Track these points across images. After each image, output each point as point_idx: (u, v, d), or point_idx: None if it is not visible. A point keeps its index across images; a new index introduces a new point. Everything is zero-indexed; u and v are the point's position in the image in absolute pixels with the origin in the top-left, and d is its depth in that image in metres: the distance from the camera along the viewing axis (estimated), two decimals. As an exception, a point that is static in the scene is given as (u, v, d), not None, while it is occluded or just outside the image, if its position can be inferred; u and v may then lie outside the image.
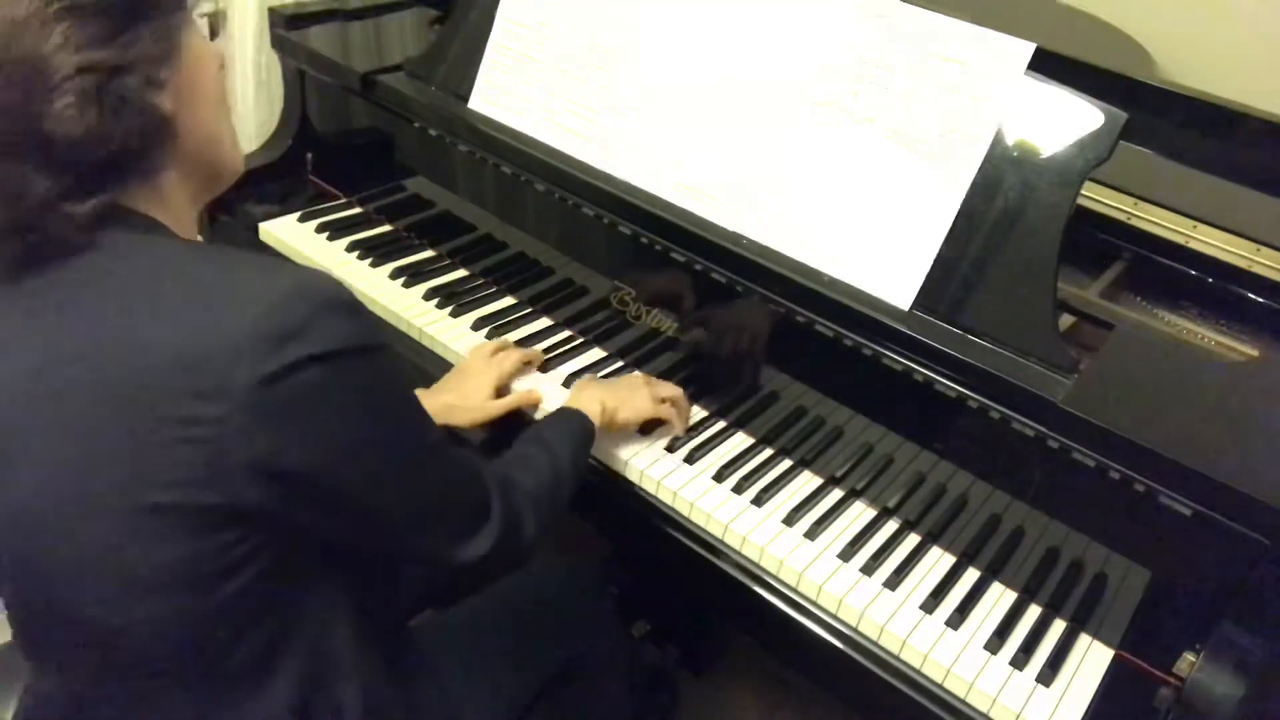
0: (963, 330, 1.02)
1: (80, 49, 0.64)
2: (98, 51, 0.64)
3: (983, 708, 0.96)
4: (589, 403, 1.11)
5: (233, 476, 0.65)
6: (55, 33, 0.63)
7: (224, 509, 0.66)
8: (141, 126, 0.68)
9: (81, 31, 0.64)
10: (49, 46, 0.63)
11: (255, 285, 0.66)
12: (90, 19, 0.65)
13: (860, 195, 1.08)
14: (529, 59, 1.33)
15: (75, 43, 0.64)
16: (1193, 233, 1.21)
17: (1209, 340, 1.16)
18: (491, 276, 1.46)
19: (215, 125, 0.77)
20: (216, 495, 0.66)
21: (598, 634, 1.23)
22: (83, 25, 0.64)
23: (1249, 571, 0.88)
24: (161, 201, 0.73)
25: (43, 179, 0.65)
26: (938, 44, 1.05)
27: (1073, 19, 1.43)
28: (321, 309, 0.66)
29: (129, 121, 0.67)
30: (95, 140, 0.65)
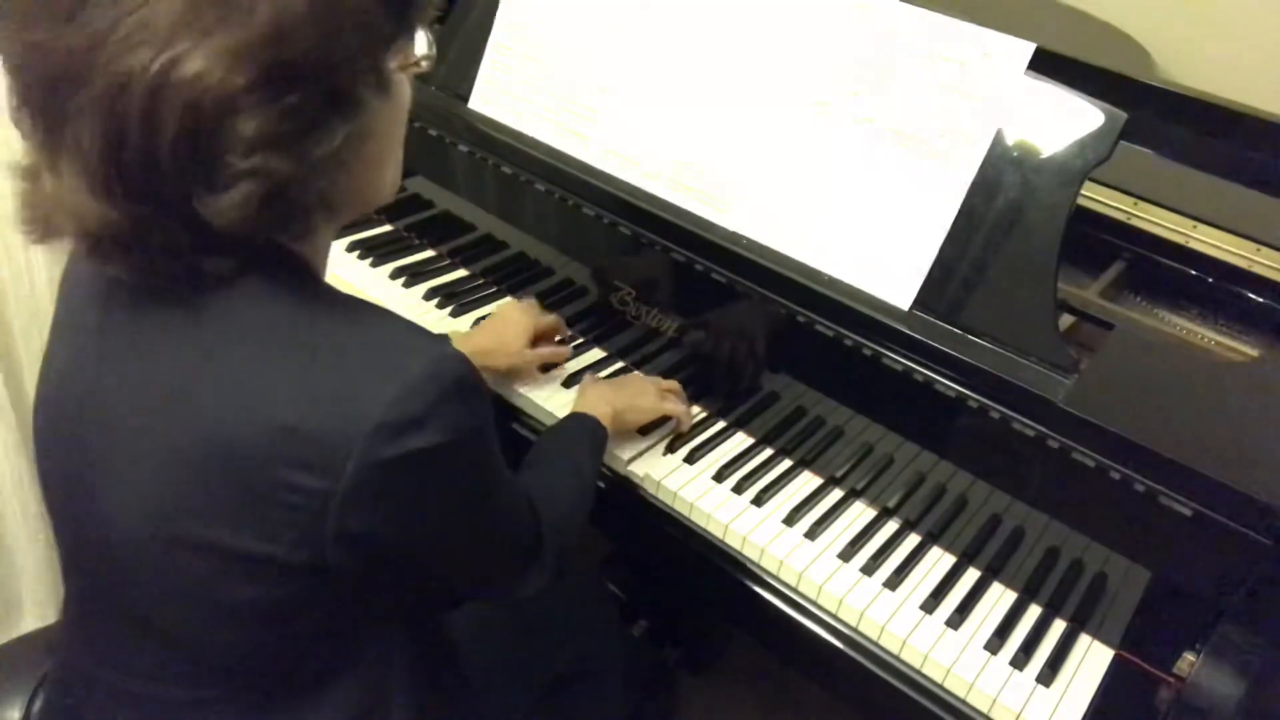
0: (963, 330, 1.02)
1: (260, 149, 0.56)
2: (278, 158, 0.57)
3: (983, 708, 0.96)
4: (600, 406, 1.12)
5: (324, 541, 0.65)
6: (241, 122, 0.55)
7: (310, 565, 0.66)
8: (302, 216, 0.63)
9: (267, 129, 0.56)
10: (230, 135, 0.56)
11: (385, 363, 0.63)
12: (284, 117, 0.57)
13: (860, 195, 1.08)
14: (529, 59, 1.33)
15: (258, 141, 0.56)
16: (1193, 233, 1.21)
17: (1209, 340, 1.16)
18: (491, 276, 1.46)
19: (381, 179, 0.72)
20: (305, 555, 0.65)
21: (598, 634, 1.23)
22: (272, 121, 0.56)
23: (1249, 571, 0.88)
24: (306, 241, 0.69)
25: (184, 234, 0.60)
26: (938, 44, 1.05)
27: (1073, 19, 1.43)
28: (445, 397, 0.64)
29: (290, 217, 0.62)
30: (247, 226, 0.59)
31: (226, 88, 0.54)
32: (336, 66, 0.59)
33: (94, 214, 0.58)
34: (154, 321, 0.66)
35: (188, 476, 0.64)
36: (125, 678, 0.77)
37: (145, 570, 0.69)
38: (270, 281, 0.65)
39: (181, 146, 0.56)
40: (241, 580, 0.67)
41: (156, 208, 0.58)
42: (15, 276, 1.39)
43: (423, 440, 0.63)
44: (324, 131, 0.60)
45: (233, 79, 0.54)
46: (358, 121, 0.62)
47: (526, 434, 1.25)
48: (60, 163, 0.58)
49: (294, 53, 0.56)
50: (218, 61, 0.54)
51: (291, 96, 0.57)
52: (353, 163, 0.64)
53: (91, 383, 0.69)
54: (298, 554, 0.65)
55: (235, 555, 0.65)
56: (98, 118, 0.55)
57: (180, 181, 0.57)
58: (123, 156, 0.56)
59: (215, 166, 0.57)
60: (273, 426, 0.62)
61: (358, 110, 0.62)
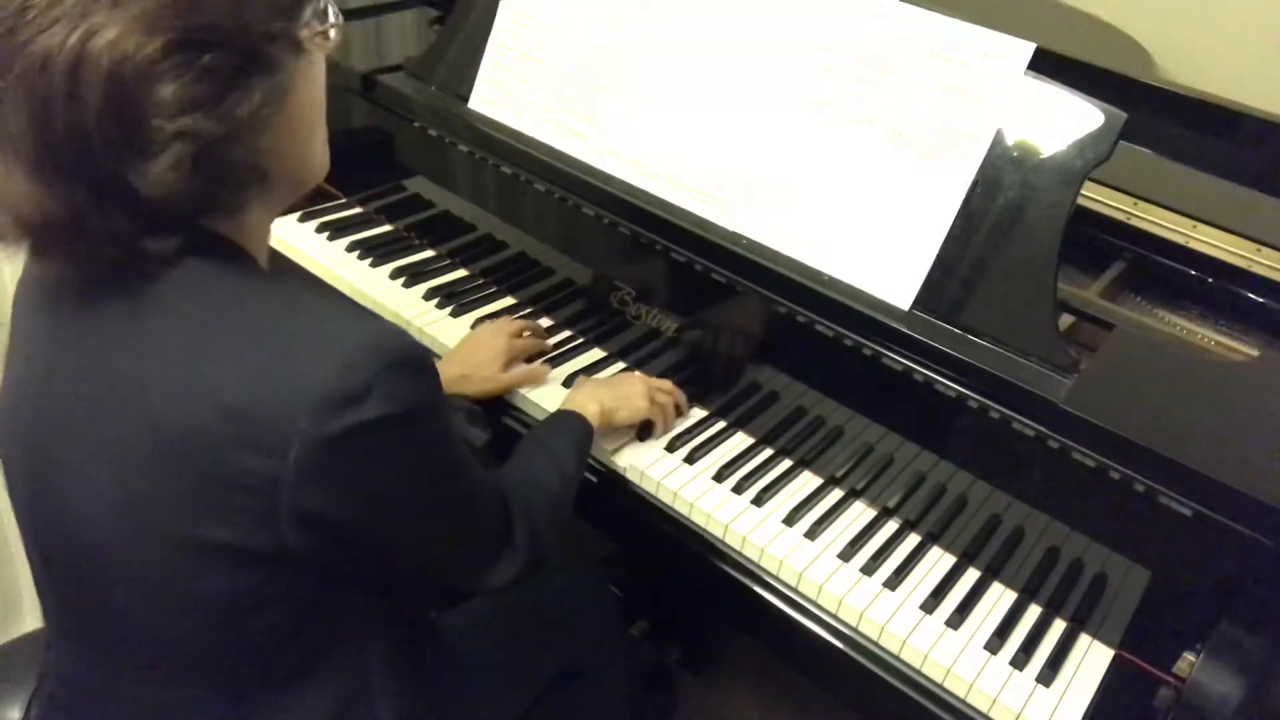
0: (963, 330, 1.02)
1: (183, 111, 0.58)
2: (202, 118, 0.59)
3: (983, 708, 0.96)
4: (587, 403, 1.12)
5: (280, 524, 0.65)
6: (162, 87, 0.57)
7: (271, 550, 0.67)
8: (234, 182, 0.65)
9: (186, 91, 0.58)
10: (150, 105, 0.58)
11: (324, 340, 0.64)
12: (199, 79, 0.59)
13: (860, 195, 1.08)
14: (529, 59, 1.33)
15: (179, 104, 0.58)
16: (1193, 233, 1.21)
17: (1209, 340, 1.16)
18: (491, 276, 1.46)
19: (309, 150, 0.73)
20: (265, 539, 0.66)
21: (598, 634, 1.23)
22: (189, 84, 0.58)
23: (1249, 572, 0.88)
24: (241, 224, 0.71)
25: (120, 218, 0.61)
26: (938, 44, 1.05)
27: (1072, 19, 1.43)
28: (387, 370, 0.64)
29: (222, 182, 0.64)
30: (182, 197, 0.61)
31: (143, 54, 0.56)
32: (246, 28, 0.61)
33: (31, 202, 0.59)
34: (98, 318, 0.67)
35: (145, 468, 0.65)
36: (111, 677, 0.77)
37: (116, 568, 0.69)
38: (209, 266, 0.66)
39: (107, 117, 0.57)
40: (208, 571, 0.67)
41: (91, 189, 0.60)
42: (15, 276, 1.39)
43: (365, 413, 0.63)
44: (243, 91, 0.62)
45: (148, 45, 0.56)
46: (274, 79, 0.64)
47: (513, 424, 1.25)
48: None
49: (204, 18, 0.59)
50: (131, 30, 0.56)
51: (206, 58, 0.59)
52: (276, 125, 0.66)
53: (45, 389, 0.70)
54: (257, 539, 0.65)
55: (199, 545, 0.66)
56: (22, 100, 0.57)
57: (111, 154, 0.58)
58: (52, 136, 0.57)
59: (142, 133, 0.58)
60: (218, 409, 0.63)
61: (273, 71, 0.64)
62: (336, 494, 0.66)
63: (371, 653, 0.80)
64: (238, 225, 0.70)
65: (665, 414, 1.20)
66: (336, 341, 0.64)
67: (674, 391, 1.21)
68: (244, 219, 0.71)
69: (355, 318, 0.68)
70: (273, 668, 0.75)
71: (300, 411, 0.62)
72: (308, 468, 0.63)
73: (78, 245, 0.63)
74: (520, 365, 1.27)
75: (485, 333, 1.26)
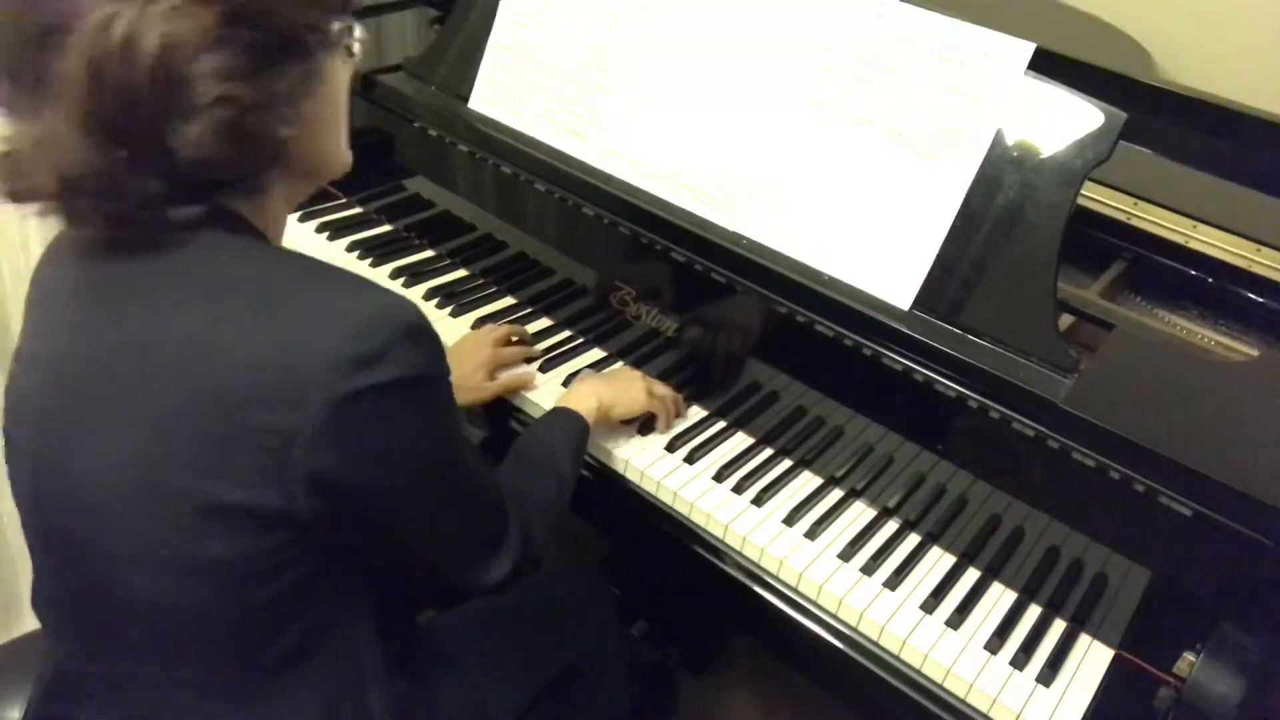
0: (963, 330, 1.02)
1: (226, 79, 0.63)
2: (242, 86, 0.64)
3: (983, 707, 0.96)
4: (585, 399, 1.12)
5: (293, 484, 0.67)
6: (206, 58, 0.62)
7: (281, 513, 0.68)
8: (263, 154, 0.70)
9: (231, 61, 0.64)
10: (197, 70, 0.62)
11: (343, 305, 0.68)
12: (243, 51, 0.64)
13: (860, 195, 1.08)
14: (529, 59, 1.33)
15: (223, 72, 0.63)
16: (1193, 233, 1.21)
17: (1209, 340, 1.16)
18: (491, 276, 1.46)
19: (333, 140, 0.78)
20: (276, 499, 0.68)
21: (598, 634, 1.23)
22: (234, 55, 0.64)
23: (1249, 571, 0.88)
24: (261, 208, 0.75)
25: (154, 181, 0.65)
26: (938, 44, 1.05)
27: (1072, 19, 1.43)
28: (402, 336, 0.68)
29: (253, 151, 0.68)
30: (215, 163, 0.65)
31: (197, 24, 0.62)
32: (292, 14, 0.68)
33: (74, 157, 0.63)
34: (121, 280, 0.70)
35: (164, 426, 0.67)
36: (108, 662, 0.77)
37: (120, 537, 0.70)
38: (229, 237, 0.71)
39: (156, 78, 0.61)
40: (216, 534, 0.68)
41: (131, 146, 0.63)
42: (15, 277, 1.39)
43: (382, 374, 0.67)
44: (279, 69, 0.67)
45: (203, 16, 0.62)
46: (308, 66, 0.70)
47: (511, 423, 1.25)
48: (43, 113, 0.64)
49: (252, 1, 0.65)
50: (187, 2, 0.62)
51: (252, 34, 0.65)
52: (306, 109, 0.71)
53: (63, 357, 0.72)
54: (269, 500, 0.67)
55: (210, 506, 0.67)
56: (81, 56, 0.61)
57: (155, 113, 0.63)
58: (103, 90, 0.61)
59: (187, 96, 0.63)
60: (240, 366, 0.66)
61: (308, 57, 0.70)
62: (347, 455, 0.68)
63: (363, 647, 0.81)
64: (257, 208, 0.74)
65: (665, 406, 1.20)
66: (354, 307, 0.68)
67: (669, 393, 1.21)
68: (264, 202, 0.75)
69: (370, 287, 0.71)
70: (267, 651, 0.75)
71: (319, 369, 0.65)
72: (324, 426, 0.66)
73: (108, 205, 0.66)
74: (507, 372, 1.27)
75: (468, 343, 1.26)
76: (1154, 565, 0.96)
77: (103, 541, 0.72)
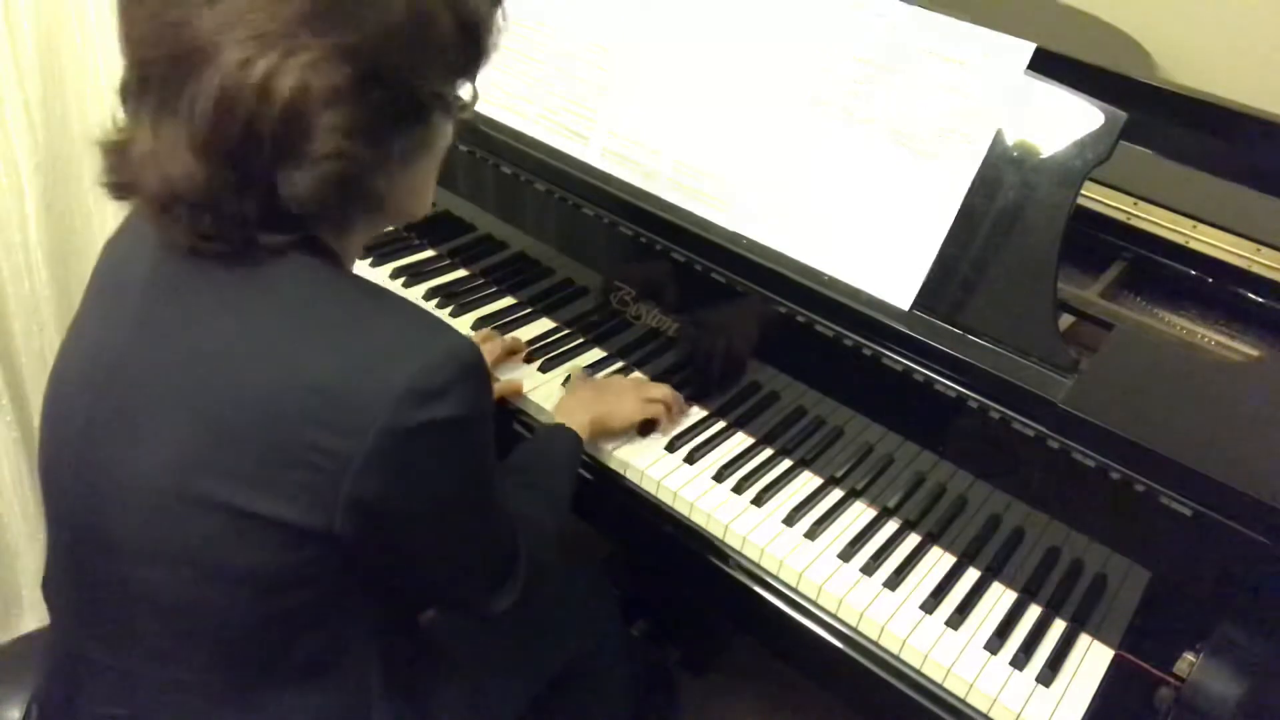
0: (963, 330, 1.02)
1: (346, 135, 0.64)
2: (359, 144, 0.65)
3: (983, 708, 0.96)
4: (578, 414, 1.12)
5: (337, 505, 0.68)
6: (332, 112, 0.64)
7: (317, 531, 0.70)
8: (361, 204, 0.71)
9: (355, 119, 0.65)
10: (322, 121, 0.64)
11: (411, 339, 0.70)
12: (369, 111, 0.65)
13: (860, 195, 1.08)
14: (529, 58, 1.33)
15: (345, 128, 0.64)
16: (1193, 233, 1.21)
17: (1209, 340, 1.16)
18: (491, 276, 1.46)
19: (424, 192, 0.80)
20: (317, 518, 0.69)
21: (598, 634, 1.23)
22: (360, 114, 0.65)
23: (1249, 571, 0.88)
24: (343, 238, 0.76)
25: (252, 207, 0.67)
26: (938, 44, 1.05)
27: (1073, 19, 1.43)
28: (464, 375, 0.70)
29: (352, 202, 0.70)
30: (314, 205, 0.67)
31: (332, 80, 0.63)
32: (417, 80, 0.69)
33: (185, 171, 0.65)
34: (199, 289, 0.71)
35: (217, 432, 0.68)
36: (120, 657, 0.78)
37: (151, 535, 0.71)
38: (310, 261, 0.72)
39: (283, 122, 0.63)
40: (248, 544, 0.70)
41: (241, 175, 0.65)
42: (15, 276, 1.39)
43: (442, 411, 0.68)
44: (399, 131, 0.70)
45: (339, 74, 0.63)
46: (423, 130, 0.73)
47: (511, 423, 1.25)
48: (165, 125, 0.65)
49: (388, 62, 0.66)
50: (328, 56, 0.63)
51: (380, 96, 0.66)
52: (410, 168, 0.74)
53: (126, 348, 0.73)
54: (309, 518, 0.69)
55: (248, 516, 0.68)
56: (216, 85, 0.63)
57: (272, 153, 0.64)
58: (230, 122, 0.63)
59: (306, 144, 0.64)
60: (306, 387, 0.67)
61: (425, 121, 0.73)
62: (393, 484, 0.69)
63: (371, 666, 0.82)
64: (339, 238, 0.76)
65: (662, 410, 1.19)
66: (423, 341, 0.70)
67: (666, 394, 1.21)
68: (348, 235, 0.77)
69: (439, 324, 0.73)
70: (280, 662, 0.76)
71: (387, 398, 0.66)
72: (378, 454, 0.67)
73: (203, 221, 0.67)
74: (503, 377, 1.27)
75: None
76: (1154, 565, 0.96)
77: (129, 536, 0.72)
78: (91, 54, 1.34)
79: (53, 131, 1.34)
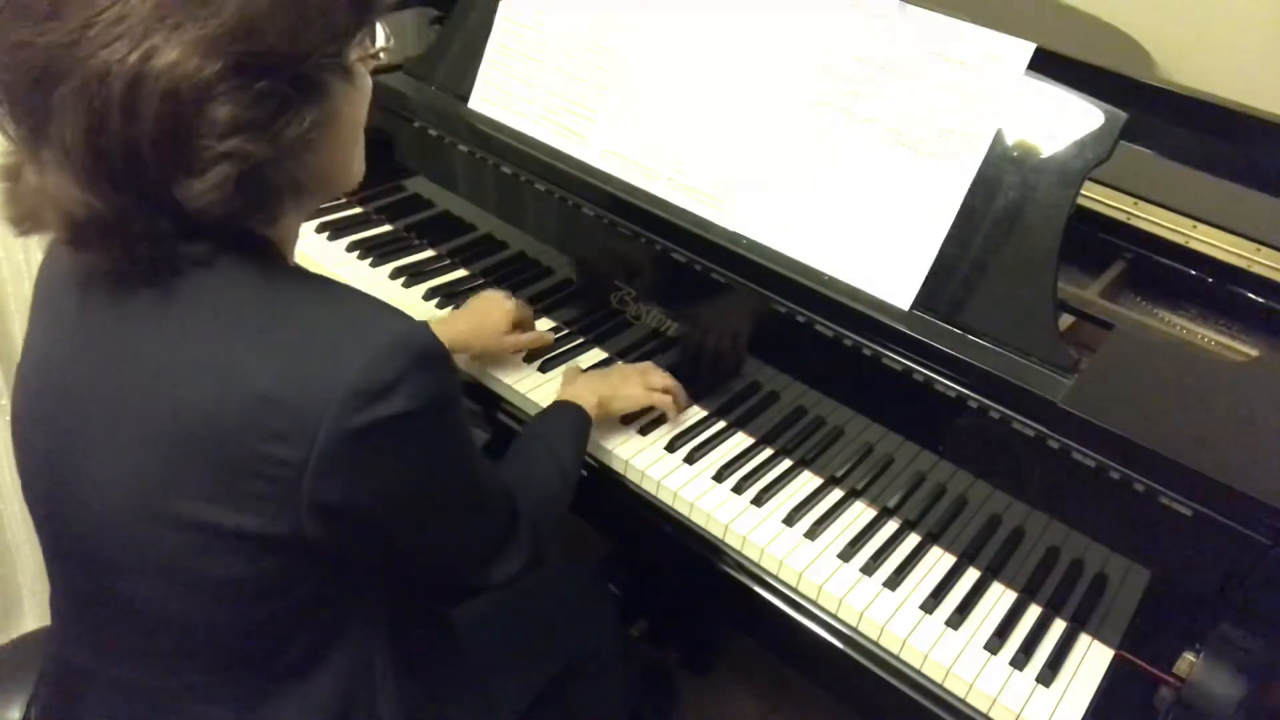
0: (963, 330, 1.02)
1: (234, 133, 0.60)
2: (251, 141, 0.60)
3: (982, 707, 0.96)
4: (584, 394, 1.12)
5: (299, 512, 0.67)
6: (216, 109, 0.59)
7: (290, 538, 0.68)
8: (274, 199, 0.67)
9: (240, 113, 0.60)
10: (206, 121, 0.59)
11: (354, 335, 0.66)
12: (255, 102, 0.60)
13: (860, 195, 1.08)
14: (529, 59, 1.33)
15: (230, 125, 0.59)
16: (1193, 233, 1.21)
17: (1209, 340, 1.16)
18: (491, 276, 1.46)
19: (348, 158, 0.75)
20: (284, 526, 0.67)
21: (598, 634, 1.23)
22: (244, 107, 0.60)
23: (1249, 572, 0.88)
24: (274, 228, 0.72)
25: (164, 222, 0.63)
26: (938, 44, 1.05)
27: (1072, 19, 1.43)
28: (414, 366, 0.66)
29: (262, 199, 0.65)
30: (222, 210, 0.62)
31: (201, 76, 0.58)
32: (301, 56, 0.63)
33: (78, 203, 0.61)
34: (131, 304, 0.68)
35: (168, 452, 0.66)
36: (115, 665, 0.77)
37: (128, 551, 0.70)
38: (242, 263, 0.68)
39: (160, 133, 0.59)
40: (221, 556, 0.68)
41: (138, 196, 0.61)
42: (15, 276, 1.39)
43: (392, 408, 0.65)
44: (292, 115, 0.63)
45: (206, 68, 0.58)
46: (323, 106, 0.66)
47: (510, 423, 1.25)
48: (44, 155, 0.61)
49: (261, 44, 0.60)
50: (191, 52, 0.57)
51: (261, 83, 0.60)
52: (320, 146, 0.67)
53: (70, 368, 0.71)
54: (276, 526, 0.67)
55: (214, 530, 0.67)
56: (80, 109, 0.58)
57: (160, 167, 0.60)
58: (104, 145, 0.59)
59: (193, 151, 0.60)
60: (248, 397, 0.64)
61: (323, 96, 0.66)
62: (356, 485, 0.67)
63: (376, 653, 0.81)
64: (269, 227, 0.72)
65: (666, 398, 1.19)
66: (367, 336, 0.66)
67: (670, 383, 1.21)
68: (279, 222, 0.72)
69: (383, 312, 0.69)
70: (277, 660, 0.75)
71: (329, 403, 0.63)
72: (331, 458, 0.65)
73: (114, 244, 0.64)
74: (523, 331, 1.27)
75: (493, 298, 1.26)
76: (1154, 565, 0.96)
77: (110, 552, 0.71)
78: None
79: (52, 131, 1.34)
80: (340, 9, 0.65)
